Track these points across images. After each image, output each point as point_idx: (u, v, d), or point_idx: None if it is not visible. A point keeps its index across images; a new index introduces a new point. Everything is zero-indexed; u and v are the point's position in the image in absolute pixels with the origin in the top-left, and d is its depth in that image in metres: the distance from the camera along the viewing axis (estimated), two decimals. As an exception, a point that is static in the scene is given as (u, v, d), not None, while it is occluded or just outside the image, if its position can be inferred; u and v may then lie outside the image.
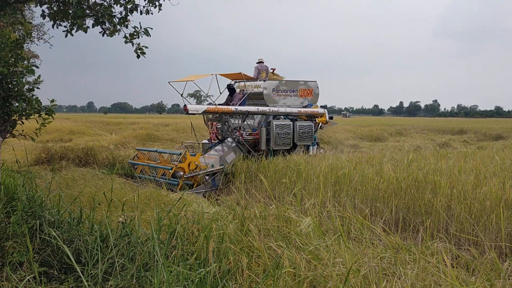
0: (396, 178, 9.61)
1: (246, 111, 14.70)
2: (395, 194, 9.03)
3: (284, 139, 15.19)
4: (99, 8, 5.83)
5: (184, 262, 4.70)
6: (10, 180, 6.76)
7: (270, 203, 7.22)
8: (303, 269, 4.74)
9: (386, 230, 6.29)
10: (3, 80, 5.22)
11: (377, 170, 10.69)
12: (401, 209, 8.65)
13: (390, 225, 8.25)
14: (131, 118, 64.95)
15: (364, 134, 37.26)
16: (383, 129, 41.72)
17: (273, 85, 16.04)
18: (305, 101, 16.69)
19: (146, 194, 8.63)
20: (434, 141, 33.08)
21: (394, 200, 8.78)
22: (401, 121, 68.74)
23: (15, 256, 5.11)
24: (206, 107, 14.06)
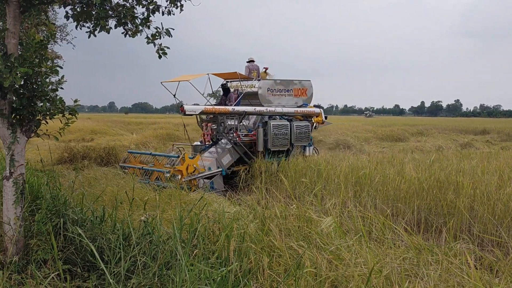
0: (417, 178, 9.52)
1: (244, 111, 14.29)
2: (416, 194, 8.96)
3: (282, 139, 14.74)
4: (121, 9, 5.88)
5: (206, 261, 4.72)
6: (34, 179, 6.86)
7: (291, 202, 7.21)
8: (324, 269, 4.74)
9: (408, 230, 6.24)
10: (28, 80, 5.30)
11: (398, 170, 10.62)
12: (423, 209, 8.57)
13: (412, 226, 8.18)
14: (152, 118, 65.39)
15: (385, 134, 36.98)
16: (404, 129, 41.37)
17: (268, 84, 15.59)
18: (300, 101, 16.24)
19: (167, 193, 8.68)
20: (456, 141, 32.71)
21: (416, 200, 8.71)
22: (422, 121, 68.11)
23: (39, 254, 5.19)
24: (203, 107, 13.61)
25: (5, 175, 5.35)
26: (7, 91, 5.13)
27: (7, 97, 5.19)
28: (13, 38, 5.23)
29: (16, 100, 5.22)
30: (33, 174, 7.67)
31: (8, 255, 5.21)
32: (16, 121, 5.31)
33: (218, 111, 13.72)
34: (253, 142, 14.60)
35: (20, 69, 4.91)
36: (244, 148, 14.26)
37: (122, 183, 9.44)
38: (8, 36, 5.22)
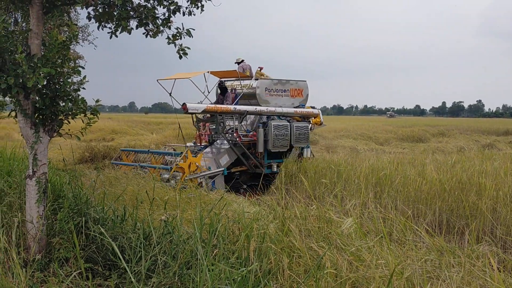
0: (439, 179, 9.43)
1: (245, 111, 13.86)
2: (438, 195, 8.87)
3: (282, 140, 14.30)
4: (142, 10, 5.92)
5: (226, 261, 4.72)
6: (56, 178, 6.94)
7: (311, 203, 7.18)
8: (345, 271, 4.71)
9: (429, 232, 6.18)
10: (51, 80, 5.36)
11: (419, 172, 10.53)
12: (445, 211, 8.49)
13: (433, 227, 8.10)
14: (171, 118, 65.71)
15: (405, 135, 36.69)
16: (425, 129, 40.97)
17: (265, 84, 15.11)
18: (296, 102, 15.74)
19: (187, 193, 8.71)
20: (478, 142, 32.36)
21: (438, 202, 8.62)
22: (443, 122, 67.36)
23: (61, 252, 5.25)
24: (206, 105, 13.25)
25: (28, 174, 5.41)
26: (31, 91, 5.20)
27: (31, 97, 5.26)
28: (36, 39, 5.30)
29: (39, 100, 5.28)
30: (55, 173, 7.75)
31: (31, 253, 5.27)
32: (39, 120, 5.38)
33: (220, 110, 13.38)
34: (251, 143, 14.25)
35: (43, 70, 4.97)
36: (243, 149, 13.90)
37: (142, 182, 9.49)
38: (32, 37, 5.29)
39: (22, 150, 10.21)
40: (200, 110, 13.10)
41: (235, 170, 13.70)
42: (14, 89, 4.99)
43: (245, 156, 14.03)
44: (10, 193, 6.44)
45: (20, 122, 5.34)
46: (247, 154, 14.02)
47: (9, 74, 4.93)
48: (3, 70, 4.99)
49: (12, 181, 6.92)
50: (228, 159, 13.60)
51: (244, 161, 13.96)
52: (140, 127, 41.75)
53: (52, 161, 11.26)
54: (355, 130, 39.59)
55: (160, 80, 14.36)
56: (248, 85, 14.97)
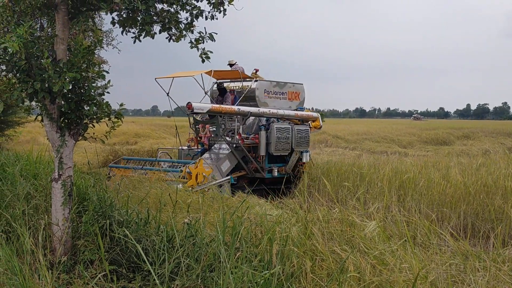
0: (464, 183, 9.33)
1: (249, 112, 13.29)
2: (463, 199, 8.77)
3: (284, 144, 13.88)
4: (166, 15, 5.97)
5: (249, 263, 4.73)
6: (81, 181, 7.03)
7: (333, 206, 7.17)
8: (368, 274, 4.68)
9: (454, 236, 6.11)
10: (76, 85, 5.43)
11: (443, 175, 10.42)
12: (469, 215, 8.39)
13: (458, 231, 8.01)
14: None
15: (429, 138, 36.32)
16: (449, 132, 40.54)
17: (264, 85, 14.69)
18: (293, 105, 15.31)
19: (209, 196, 8.75)
20: (504, 145, 31.87)
21: (462, 205, 8.52)
22: (468, 124, 66.43)
23: (86, 254, 5.31)
24: (211, 105, 12.80)
25: (54, 177, 5.50)
26: (56, 96, 5.28)
27: (56, 102, 5.34)
28: (62, 44, 5.38)
29: (65, 104, 5.35)
30: (80, 176, 7.85)
31: (57, 255, 5.34)
32: (65, 124, 5.46)
33: (225, 110, 12.96)
34: (252, 146, 13.85)
35: (68, 74, 5.05)
36: (244, 152, 13.49)
37: (165, 185, 9.56)
38: (57, 42, 5.38)
39: (48, 153, 10.36)
40: (206, 110, 12.66)
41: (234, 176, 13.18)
42: (41, 93, 5.08)
43: (245, 160, 13.65)
44: (36, 196, 6.55)
45: (46, 126, 5.42)
46: (248, 158, 13.63)
47: (35, 79, 5.02)
48: (30, 75, 5.08)
49: (38, 184, 7.03)
50: (229, 165, 13.18)
51: (244, 166, 13.58)
52: (162, 130, 42.09)
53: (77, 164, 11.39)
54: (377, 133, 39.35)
55: (158, 78, 13.98)
56: (246, 87, 14.59)
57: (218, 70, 14.11)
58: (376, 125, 59.59)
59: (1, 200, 6.56)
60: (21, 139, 24.21)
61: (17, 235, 5.50)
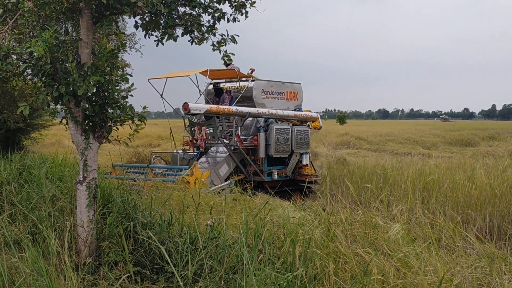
0: (489, 184, 9.20)
1: (247, 113, 12.88)
2: (488, 201, 8.64)
3: (284, 145, 13.46)
4: (188, 18, 6.01)
5: (271, 265, 4.73)
6: (105, 184, 7.10)
7: (356, 208, 7.11)
8: (392, 277, 4.64)
9: (479, 238, 6.02)
10: (100, 88, 5.50)
11: (468, 176, 10.29)
12: (495, 217, 8.26)
13: (483, 234, 7.89)
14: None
15: (454, 139, 35.86)
16: (474, 133, 39.97)
17: (262, 85, 14.22)
18: (291, 106, 14.85)
19: (232, 197, 8.76)
20: (531, 146, 31.27)
21: (488, 207, 8.40)
22: (493, 125, 65.55)
23: (111, 256, 5.36)
24: (208, 106, 12.29)
25: (79, 180, 5.56)
26: (81, 99, 5.35)
27: (81, 105, 5.41)
28: (86, 48, 5.45)
29: (89, 107, 5.42)
30: (104, 179, 7.93)
31: (82, 257, 5.41)
32: (89, 127, 5.52)
33: (223, 111, 12.49)
34: (250, 148, 13.40)
35: (92, 78, 5.10)
36: (243, 154, 13.07)
37: (188, 188, 9.60)
38: (82, 46, 5.45)
39: (73, 156, 10.50)
40: (203, 111, 12.14)
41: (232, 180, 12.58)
42: (65, 97, 5.14)
43: (244, 163, 13.25)
44: (62, 198, 6.64)
45: (71, 129, 5.50)
46: (246, 161, 13.24)
47: (60, 82, 5.09)
48: (55, 78, 5.15)
49: (64, 186, 7.12)
50: (228, 169, 12.71)
51: (243, 169, 13.15)
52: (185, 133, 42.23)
53: (101, 166, 11.55)
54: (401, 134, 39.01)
55: (151, 79, 13.57)
56: (243, 87, 14.15)
57: (214, 69, 13.64)
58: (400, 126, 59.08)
59: (28, 202, 6.67)
60: (47, 142, 24.58)
61: (43, 237, 5.58)
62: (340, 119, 71.95)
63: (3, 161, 8.56)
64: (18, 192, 7.14)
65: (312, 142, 15.04)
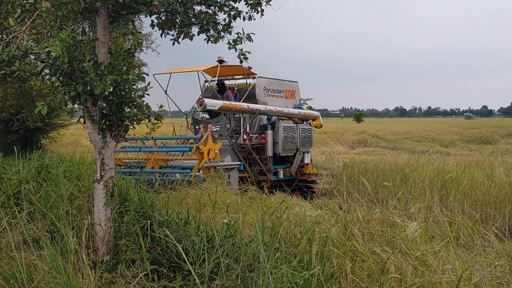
0: (509, 182, 9.08)
1: (257, 110, 12.77)
2: (508, 199, 8.53)
3: (291, 143, 13.39)
4: (204, 16, 6.02)
5: (288, 264, 4.71)
6: (122, 182, 7.14)
7: (373, 207, 7.07)
8: (409, 275, 4.60)
9: (499, 236, 5.95)
10: (117, 87, 5.52)
11: (487, 174, 10.17)
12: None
13: (503, 232, 7.79)
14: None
15: (472, 137, 35.49)
16: (493, 131, 39.48)
17: (264, 83, 13.98)
18: (290, 104, 14.56)
19: (248, 196, 8.76)
20: (551, 144, 30.82)
21: (508, 205, 8.29)
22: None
23: (128, 254, 5.39)
24: (222, 102, 12.09)
25: (96, 178, 5.60)
26: (98, 98, 5.38)
27: (98, 104, 5.44)
28: (103, 47, 5.48)
29: (106, 106, 5.45)
30: (121, 177, 7.98)
31: (100, 255, 5.44)
32: (106, 126, 5.55)
33: (235, 108, 12.40)
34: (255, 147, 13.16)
35: (109, 77, 5.13)
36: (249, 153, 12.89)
37: (204, 186, 9.62)
38: (99, 45, 5.48)
39: (90, 155, 10.57)
40: (217, 107, 11.90)
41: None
42: (83, 96, 5.18)
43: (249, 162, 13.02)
44: (79, 196, 6.68)
45: (88, 128, 5.53)
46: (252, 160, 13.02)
47: (78, 82, 5.12)
48: (72, 78, 5.19)
49: (81, 185, 7.17)
50: (231, 161, 12.28)
51: (247, 167, 12.81)
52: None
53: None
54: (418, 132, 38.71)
55: (156, 74, 13.42)
56: (245, 84, 14.07)
57: (224, 65, 13.40)
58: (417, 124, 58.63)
59: (46, 201, 6.73)
60: (64, 141, 24.82)
61: (61, 235, 5.62)
62: (357, 117, 71.63)
63: (22, 160, 8.65)
64: (37, 190, 7.21)
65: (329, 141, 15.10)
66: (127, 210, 6.14)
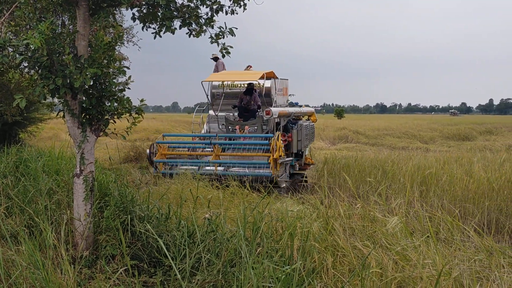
0: (487, 178, 9.19)
1: (291, 113, 13.88)
2: (486, 195, 8.63)
3: (308, 140, 14.47)
4: (186, 10, 5.96)
5: (270, 259, 4.71)
6: (103, 177, 7.07)
7: (354, 202, 7.10)
8: (390, 270, 4.63)
9: (478, 231, 6.02)
10: (97, 81, 5.46)
11: (466, 170, 10.28)
12: (493, 210, 8.25)
13: (482, 227, 7.88)
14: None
15: (451, 133, 35.90)
16: (472, 127, 40.01)
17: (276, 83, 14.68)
18: (284, 100, 15.43)
19: (230, 191, 8.75)
20: (528, 140, 31.30)
21: (486, 201, 8.39)
22: (491, 120, 65.62)
23: (108, 249, 5.34)
24: (279, 110, 12.90)
25: (76, 173, 5.53)
26: (78, 92, 5.31)
27: (78, 97, 5.37)
28: (83, 40, 5.41)
29: (86, 100, 5.38)
30: (101, 172, 7.91)
31: (79, 250, 5.38)
32: (86, 120, 5.48)
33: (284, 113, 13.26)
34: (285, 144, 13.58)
35: (89, 70, 5.06)
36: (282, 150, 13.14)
37: (186, 181, 9.58)
38: (78, 38, 5.40)
39: (70, 149, 10.47)
40: (276, 115, 12.73)
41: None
42: (62, 89, 5.10)
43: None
44: (58, 191, 6.61)
45: (67, 122, 5.46)
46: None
47: (57, 75, 5.05)
48: (51, 71, 5.11)
49: (60, 179, 7.09)
50: None
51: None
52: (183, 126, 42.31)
53: (98, 160, 11.52)
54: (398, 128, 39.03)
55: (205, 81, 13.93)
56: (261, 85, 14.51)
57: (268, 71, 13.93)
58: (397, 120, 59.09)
59: (24, 196, 6.64)
60: (44, 136, 24.53)
61: (39, 230, 5.55)
62: (338, 113, 71.86)
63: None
64: (15, 185, 7.10)
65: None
66: (107, 205, 6.09)
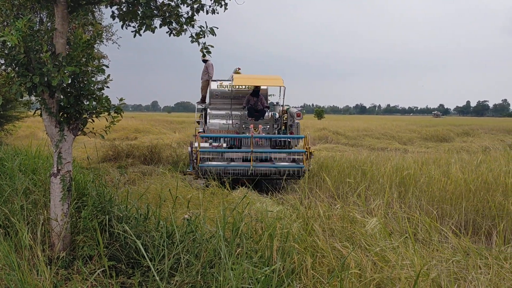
0: (464, 179, 9.29)
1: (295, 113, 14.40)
2: (463, 196, 8.72)
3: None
4: (166, 9, 5.92)
5: (249, 260, 4.69)
6: (80, 177, 6.98)
7: (334, 202, 7.12)
8: (369, 271, 4.65)
9: (455, 232, 6.07)
10: (75, 79, 5.38)
11: (444, 171, 10.38)
12: (470, 211, 8.34)
13: (459, 228, 7.96)
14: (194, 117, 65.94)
15: (429, 135, 36.26)
16: (449, 129, 40.48)
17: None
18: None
19: (209, 191, 8.72)
20: (504, 142, 31.74)
21: (463, 202, 8.48)
22: (468, 121, 66.50)
23: (85, 250, 5.27)
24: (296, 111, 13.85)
25: (53, 172, 5.45)
26: (55, 90, 5.23)
27: (55, 96, 5.29)
28: (61, 38, 5.33)
29: (64, 98, 5.31)
30: (79, 172, 7.81)
31: (56, 251, 5.31)
32: (64, 119, 5.41)
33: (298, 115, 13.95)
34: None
35: (68, 68, 4.99)
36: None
37: (165, 181, 9.53)
38: (56, 35, 5.32)
39: (47, 148, 10.32)
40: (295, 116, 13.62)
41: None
42: (39, 87, 5.02)
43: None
44: (35, 191, 6.51)
45: (45, 120, 5.38)
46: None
47: (34, 73, 4.97)
48: (29, 69, 5.03)
49: (37, 179, 6.99)
50: None
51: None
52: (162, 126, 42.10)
53: (76, 159, 11.38)
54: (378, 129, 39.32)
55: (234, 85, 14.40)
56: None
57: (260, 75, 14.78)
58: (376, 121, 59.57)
59: (0, 195, 6.52)
60: (20, 134, 24.19)
61: (15, 230, 5.47)
62: (318, 114, 72.19)
63: (-25, 153, 8.36)
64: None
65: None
66: (85, 205, 6.01)
